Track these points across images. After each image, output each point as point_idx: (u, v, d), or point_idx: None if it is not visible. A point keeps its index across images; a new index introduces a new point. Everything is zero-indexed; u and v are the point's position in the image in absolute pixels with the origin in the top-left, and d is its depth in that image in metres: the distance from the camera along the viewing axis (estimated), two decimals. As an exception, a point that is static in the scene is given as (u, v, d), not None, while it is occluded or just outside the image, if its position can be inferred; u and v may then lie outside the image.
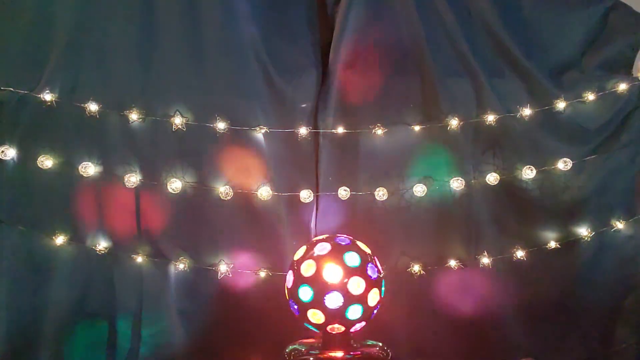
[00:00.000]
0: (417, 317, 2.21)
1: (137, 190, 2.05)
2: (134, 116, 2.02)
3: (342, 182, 2.16)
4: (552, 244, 2.20)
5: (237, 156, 2.11)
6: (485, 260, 2.18)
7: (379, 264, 1.90)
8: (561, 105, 2.19)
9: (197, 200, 2.08)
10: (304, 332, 1.95)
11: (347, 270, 1.77)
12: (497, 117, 2.17)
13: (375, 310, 1.84)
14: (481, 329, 2.22)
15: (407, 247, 2.20)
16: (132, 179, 2.03)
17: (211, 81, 2.10)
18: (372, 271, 1.82)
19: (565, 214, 2.22)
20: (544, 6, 2.28)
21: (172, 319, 2.10)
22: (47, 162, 1.98)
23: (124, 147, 2.05)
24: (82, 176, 2.00)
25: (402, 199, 2.19)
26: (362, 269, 1.80)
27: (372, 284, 1.81)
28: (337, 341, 1.83)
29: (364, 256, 1.84)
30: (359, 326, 1.83)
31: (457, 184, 2.17)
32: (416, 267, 2.16)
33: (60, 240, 2.01)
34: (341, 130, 2.15)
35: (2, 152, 1.97)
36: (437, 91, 2.18)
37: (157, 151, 2.07)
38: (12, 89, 1.97)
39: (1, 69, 2.00)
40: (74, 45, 2.03)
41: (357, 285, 1.77)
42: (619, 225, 2.21)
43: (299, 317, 1.84)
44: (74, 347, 2.06)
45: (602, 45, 2.29)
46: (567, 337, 2.25)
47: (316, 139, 2.17)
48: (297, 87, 2.17)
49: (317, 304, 1.76)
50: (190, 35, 2.10)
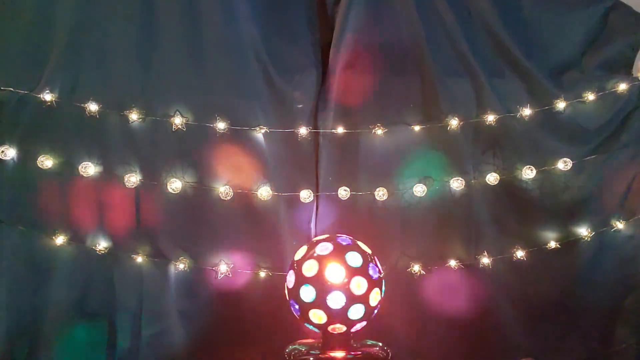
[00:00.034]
0: (417, 317, 2.21)
1: (137, 190, 2.05)
2: (134, 116, 2.02)
3: (342, 182, 2.17)
4: (552, 244, 2.20)
5: (236, 156, 2.11)
6: (485, 260, 2.18)
7: (379, 264, 1.90)
8: (561, 105, 2.19)
9: (197, 200, 2.08)
10: (304, 332, 1.95)
11: (350, 270, 1.77)
12: (497, 117, 2.17)
13: (375, 310, 1.84)
14: (481, 329, 2.22)
15: (407, 247, 2.20)
16: (132, 179, 2.03)
17: (211, 81, 2.10)
18: (373, 271, 1.82)
19: (565, 214, 2.22)
20: (544, 6, 2.28)
21: (172, 319, 2.10)
22: (47, 162, 1.98)
23: (124, 147, 2.05)
24: (82, 176, 2.01)
25: (402, 199, 2.19)
26: (364, 269, 1.80)
27: (374, 283, 1.81)
28: (337, 341, 1.83)
29: (365, 256, 1.84)
30: (360, 326, 1.83)
31: (457, 184, 2.17)
32: (416, 267, 2.16)
33: (60, 240, 2.01)
34: (341, 130, 2.16)
35: (2, 152, 1.97)
36: (437, 91, 2.18)
37: (157, 151, 2.07)
38: (12, 89, 1.97)
39: (1, 69, 2.00)
40: (74, 45, 2.04)
41: (359, 285, 1.77)
42: (619, 225, 2.21)
43: (299, 317, 1.83)
44: (74, 347, 2.06)
45: (602, 45, 2.29)
46: (567, 337, 2.25)
47: (316, 139, 2.18)
48: (297, 87, 2.17)
49: (319, 304, 1.76)
50: (190, 35, 2.10)
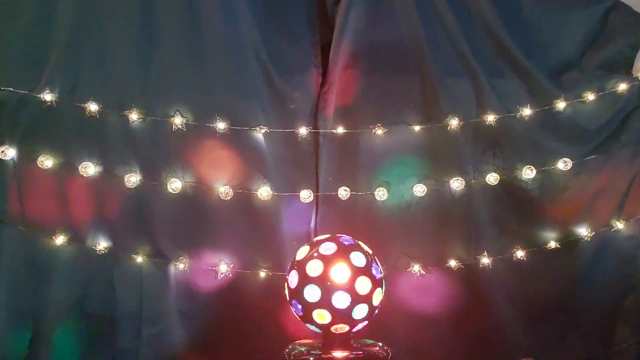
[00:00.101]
0: (417, 317, 2.21)
1: (136, 190, 2.05)
2: (134, 116, 2.02)
3: (342, 182, 2.17)
4: (552, 244, 2.20)
5: (236, 156, 2.11)
6: (485, 260, 2.18)
7: (379, 264, 1.90)
8: (561, 105, 2.19)
9: (197, 200, 2.08)
10: (304, 332, 1.95)
11: (354, 270, 1.77)
12: (497, 117, 2.17)
13: (377, 309, 1.84)
14: (481, 329, 2.22)
15: (407, 247, 2.20)
16: (132, 179, 2.03)
17: (211, 81, 2.10)
18: (376, 271, 1.82)
19: (565, 214, 2.22)
20: (544, 6, 2.28)
21: (172, 319, 2.10)
22: (47, 162, 1.98)
23: (124, 147, 2.05)
24: (82, 176, 2.01)
25: (402, 199, 2.19)
26: (368, 269, 1.80)
27: (377, 283, 1.81)
28: (337, 341, 1.83)
29: (368, 256, 1.84)
30: (361, 326, 1.83)
31: (457, 184, 2.17)
32: (416, 267, 2.16)
33: (60, 240, 2.01)
34: (341, 130, 2.15)
35: (2, 152, 1.97)
36: (437, 91, 2.18)
37: (157, 151, 2.07)
38: (12, 89, 1.97)
39: (1, 69, 2.00)
40: (74, 45, 2.04)
41: (364, 285, 1.77)
42: (619, 225, 2.21)
43: (302, 317, 1.82)
44: (74, 347, 2.06)
45: (602, 45, 2.29)
46: (567, 337, 2.25)
47: (316, 139, 2.17)
48: (297, 87, 2.17)
49: (324, 304, 1.75)
50: (190, 35, 2.10)
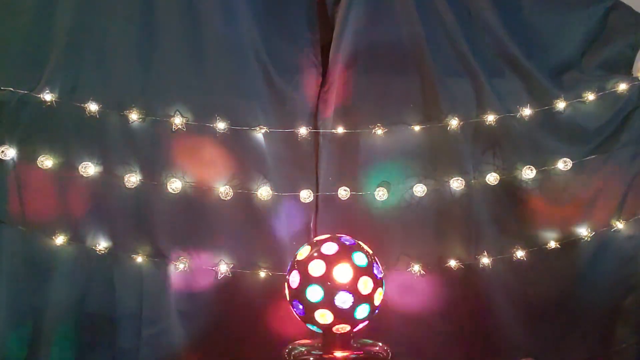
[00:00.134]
0: (417, 317, 2.21)
1: (136, 190, 2.04)
2: (134, 116, 2.02)
3: (342, 182, 2.17)
4: (552, 244, 2.20)
5: (236, 155, 2.11)
6: (485, 260, 2.18)
7: (379, 264, 1.90)
8: (561, 105, 2.19)
9: (197, 200, 2.08)
10: (304, 332, 1.95)
11: (357, 270, 1.77)
12: (497, 117, 2.17)
13: (377, 309, 1.84)
14: (481, 329, 2.22)
15: (407, 247, 2.20)
16: (132, 179, 2.03)
17: (211, 81, 2.10)
18: (377, 271, 1.82)
19: (565, 214, 2.22)
20: (544, 6, 2.28)
21: (172, 319, 2.10)
22: (47, 162, 1.98)
23: (124, 147, 2.05)
24: (82, 176, 2.01)
25: (402, 199, 2.19)
26: (369, 269, 1.80)
27: (378, 283, 1.81)
28: (338, 341, 1.83)
29: (369, 256, 1.84)
30: (362, 325, 1.83)
31: (457, 184, 2.17)
32: (416, 267, 2.16)
33: (60, 240, 2.01)
34: (341, 130, 2.15)
35: (2, 152, 1.97)
36: (437, 91, 2.18)
37: (157, 151, 2.07)
38: (12, 89, 1.97)
39: (1, 69, 2.00)
40: (74, 45, 2.03)
41: (366, 284, 1.77)
42: (619, 225, 2.21)
43: (303, 317, 1.82)
44: (73, 347, 2.06)
45: (602, 45, 2.29)
46: (567, 337, 2.25)
47: (316, 139, 2.17)
48: (297, 87, 2.17)
49: (327, 304, 1.75)
50: (190, 35, 2.10)
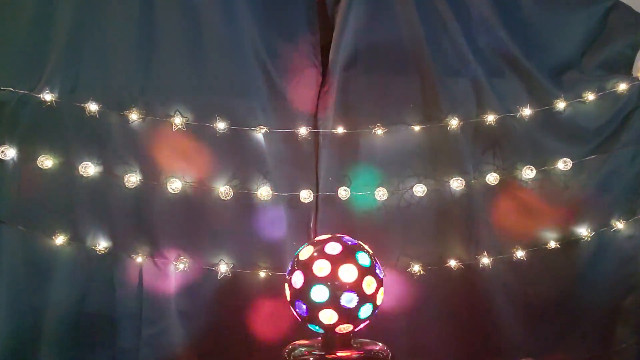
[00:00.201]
0: (417, 317, 2.21)
1: (136, 190, 2.04)
2: (134, 116, 2.02)
3: (342, 182, 2.17)
4: (552, 244, 2.20)
5: (237, 155, 2.11)
6: (485, 260, 2.18)
7: (380, 264, 1.90)
8: (561, 105, 2.19)
9: (198, 200, 2.08)
10: (304, 332, 1.95)
11: (361, 270, 1.77)
12: (497, 117, 2.17)
13: (378, 309, 1.84)
14: (481, 329, 2.22)
15: (407, 247, 2.20)
16: (132, 179, 2.03)
17: (211, 81, 2.10)
18: (379, 270, 1.83)
19: (565, 214, 2.23)
20: (544, 6, 2.28)
21: (172, 319, 2.10)
22: (47, 162, 1.98)
23: (124, 147, 2.05)
24: (82, 176, 2.01)
25: (402, 199, 2.19)
26: (372, 269, 1.80)
27: (380, 283, 1.81)
28: (338, 341, 1.83)
29: (371, 256, 1.84)
30: (363, 325, 1.83)
31: (457, 184, 2.17)
32: (416, 267, 2.16)
33: (60, 240, 2.01)
34: (341, 130, 2.15)
35: (2, 152, 1.97)
36: (437, 91, 2.18)
37: (157, 151, 2.06)
38: (12, 89, 1.97)
39: (1, 69, 2.00)
40: (74, 45, 2.03)
41: (369, 284, 1.77)
42: (619, 225, 2.22)
43: (306, 318, 1.80)
44: (74, 348, 2.05)
45: (602, 45, 2.29)
46: (567, 337, 2.25)
47: (316, 139, 2.17)
48: (297, 87, 2.17)
49: (332, 304, 1.74)
50: (190, 35, 2.09)
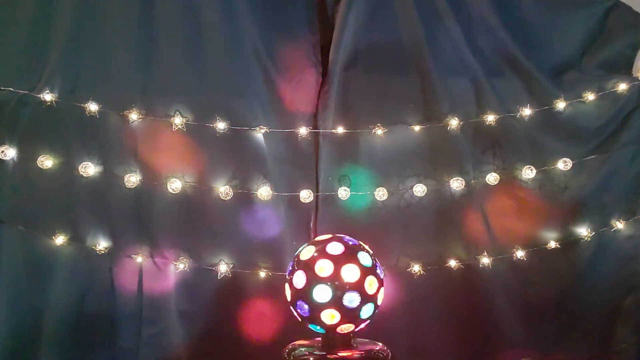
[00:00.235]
0: (417, 317, 2.21)
1: (136, 190, 2.04)
2: (134, 116, 2.02)
3: (342, 182, 2.16)
4: (552, 244, 2.20)
5: (237, 155, 2.11)
6: (485, 260, 2.18)
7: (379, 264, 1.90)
8: (561, 105, 2.19)
9: (198, 200, 2.08)
10: (304, 332, 1.95)
11: (363, 270, 1.77)
12: (497, 117, 2.18)
13: (378, 309, 1.84)
14: (481, 330, 2.22)
15: (407, 247, 2.20)
16: (132, 179, 2.03)
17: (211, 81, 2.09)
18: (380, 270, 1.83)
19: (565, 214, 2.23)
20: (543, 6, 2.28)
21: (172, 319, 2.10)
22: (47, 162, 1.98)
23: (124, 147, 2.05)
24: (82, 176, 2.01)
25: (402, 199, 2.19)
26: (374, 269, 1.80)
27: (381, 283, 1.81)
28: (338, 341, 1.82)
29: (372, 256, 1.84)
30: (363, 325, 1.83)
31: (457, 184, 2.17)
32: (416, 267, 2.16)
33: (60, 240, 2.01)
34: (341, 130, 2.15)
35: (2, 152, 1.96)
36: (437, 91, 2.18)
37: (157, 151, 2.06)
38: (12, 89, 1.97)
39: (1, 69, 2.00)
40: (74, 45, 2.03)
41: (371, 284, 1.77)
42: (619, 225, 2.22)
43: (307, 318, 1.79)
44: (74, 348, 2.05)
45: (602, 45, 2.29)
46: (567, 337, 2.25)
47: (316, 139, 2.17)
48: (297, 87, 2.17)
49: (335, 304, 1.74)
50: (190, 35, 2.09)
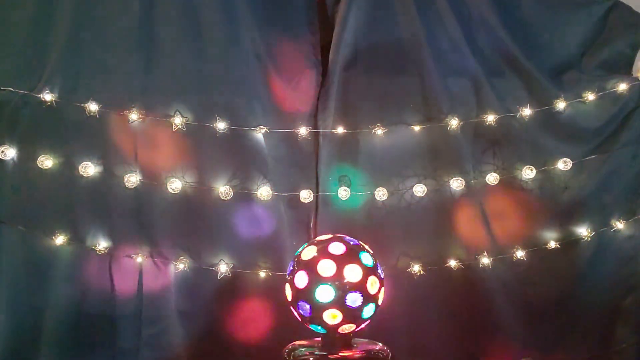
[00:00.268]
0: (417, 317, 2.21)
1: (136, 190, 2.04)
2: (134, 116, 2.02)
3: (342, 182, 2.16)
4: (552, 244, 2.20)
5: (236, 155, 2.11)
6: (485, 260, 2.18)
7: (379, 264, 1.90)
8: (561, 105, 2.19)
9: (198, 200, 2.08)
10: (304, 332, 1.95)
11: (365, 270, 1.77)
12: (497, 117, 2.18)
13: (378, 309, 1.84)
14: (481, 329, 2.23)
15: (407, 247, 2.20)
16: (132, 179, 2.03)
17: (211, 81, 2.10)
18: (380, 270, 1.83)
19: (565, 214, 2.23)
20: (543, 6, 2.28)
21: (172, 319, 2.10)
22: (47, 162, 1.98)
23: (124, 147, 2.05)
24: (82, 176, 2.01)
25: (402, 199, 2.19)
26: (375, 269, 1.80)
27: (382, 283, 1.82)
28: (338, 341, 1.82)
29: (373, 256, 1.84)
30: (364, 325, 1.83)
31: (457, 184, 2.17)
32: (416, 267, 2.16)
33: (60, 240, 2.01)
34: (341, 130, 2.15)
35: (2, 152, 1.97)
36: (437, 91, 2.18)
37: (157, 151, 2.07)
38: (12, 89, 1.97)
39: (1, 69, 2.00)
40: (74, 45, 2.03)
41: (373, 284, 1.77)
42: (619, 225, 2.22)
43: (309, 318, 1.79)
44: (74, 348, 2.05)
45: (602, 45, 2.29)
46: (567, 337, 2.25)
47: (316, 139, 2.17)
48: (297, 87, 2.17)
49: (337, 303, 1.74)
50: (190, 35, 2.09)
